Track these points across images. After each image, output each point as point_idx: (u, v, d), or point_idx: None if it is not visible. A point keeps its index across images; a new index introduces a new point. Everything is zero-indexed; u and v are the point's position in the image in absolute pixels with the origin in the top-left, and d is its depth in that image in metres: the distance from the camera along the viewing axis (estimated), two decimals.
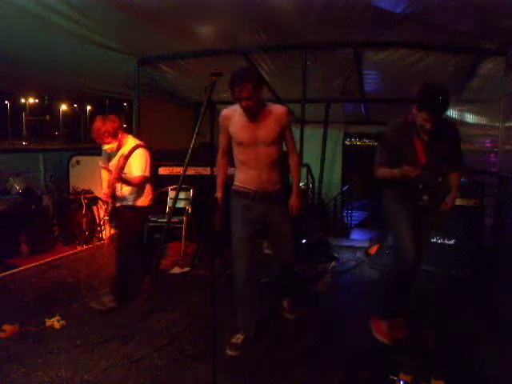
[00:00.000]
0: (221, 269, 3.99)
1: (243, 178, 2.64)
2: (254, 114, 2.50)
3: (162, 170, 4.21)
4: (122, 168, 3.21)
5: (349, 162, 9.35)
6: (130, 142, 3.41)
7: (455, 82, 5.42)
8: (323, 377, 2.42)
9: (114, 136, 3.30)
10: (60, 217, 5.25)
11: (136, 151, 3.32)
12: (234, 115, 2.57)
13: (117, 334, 2.86)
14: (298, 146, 5.29)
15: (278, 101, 6.57)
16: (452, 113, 5.09)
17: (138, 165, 3.32)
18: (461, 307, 3.33)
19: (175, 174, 4.88)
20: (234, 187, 2.67)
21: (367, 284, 4.12)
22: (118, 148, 3.37)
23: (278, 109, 2.60)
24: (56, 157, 5.97)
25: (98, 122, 3.27)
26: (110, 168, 3.38)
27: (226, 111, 2.62)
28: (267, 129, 2.54)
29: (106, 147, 3.36)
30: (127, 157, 3.25)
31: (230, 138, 2.64)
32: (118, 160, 3.25)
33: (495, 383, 2.39)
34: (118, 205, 3.43)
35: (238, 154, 2.63)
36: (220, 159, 2.76)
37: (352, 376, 2.42)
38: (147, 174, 3.37)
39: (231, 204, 2.69)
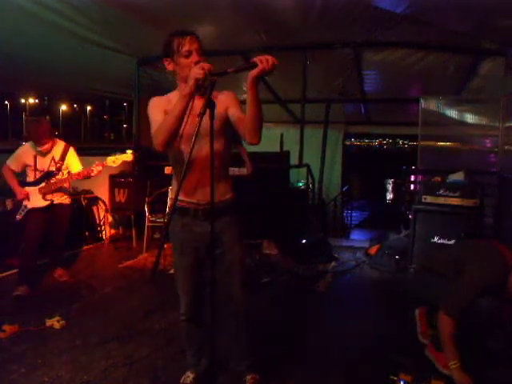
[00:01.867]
0: None
1: (181, 187, 1.89)
2: (200, 88, 1.75)
3: (168, 170, 4.23)
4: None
5: (349, 162, 9.35)
6: (59, 143, 3.81)
7: (455, 81, 5.43)
8: (323, 377, 2.42)
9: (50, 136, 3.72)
10: None
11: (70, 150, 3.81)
12: (172, 99, 1.92)
13: (117, 334, 2.86)
14: (297, 146, 5.39)
15: (278, 101, 6.58)
16: (452, 113, 5.09)
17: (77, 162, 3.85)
18: None
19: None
20: (169, 202, 2.17)
21: (367, 284, 4.12)
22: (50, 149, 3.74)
23: (223, 92, 1.97)
24: None
25: (44, 123, 3.66)
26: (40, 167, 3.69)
27: (157, 97, 1.99)
28: (218, 107, 1.82)
29: (42, 147, 3.68)
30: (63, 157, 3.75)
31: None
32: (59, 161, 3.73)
33: (496, 382, 2.39)
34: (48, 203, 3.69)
35: (174, 152, 1.96)
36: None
37: (352, 376, 2.43)
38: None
39: (170, 224, 2.12)
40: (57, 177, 3.68)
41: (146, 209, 4.85)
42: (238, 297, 2.11)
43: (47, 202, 3.65)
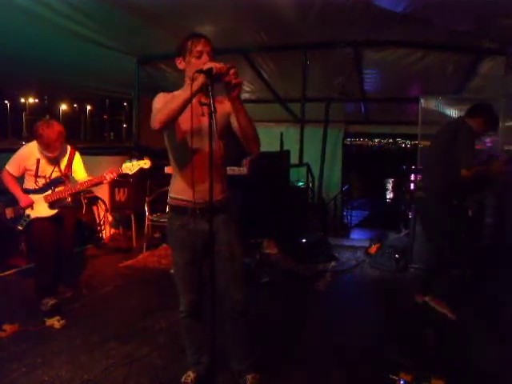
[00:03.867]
0: None
1: (178, 186, 2.04)
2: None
3: (169, 170, 4.24)
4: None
5: (349, 161, 9.35)
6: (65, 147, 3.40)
7: (455, 81, 5.42)
8: (323, 377, 2.42)
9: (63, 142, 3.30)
10: None
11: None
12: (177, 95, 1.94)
13: (117, 334, 2.86)
14: (297, 145, 5.39)
15: (279, 100, 6.57)
16: (452, 112, 5.09)
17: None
18: (460, 307, 3.33)
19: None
20: (168, 201, 2.12)
21: (367, 283, 4.12)
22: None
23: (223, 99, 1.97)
24: None
25: (57, 127, 3.18)
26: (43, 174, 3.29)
27: (163, 93, 2.02)
28: (221, 110, 1.93)
29: (52, 154, 3.24)
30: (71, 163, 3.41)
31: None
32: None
33: (496, 382, 2.40)
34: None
35: (176, 150, 2.02)
36: None
37: (352, 376, 2.43)
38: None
39: (167, 223, 2.19)
40: (64, 185, 3.34)
41: (146, 208, 4.85)
42: (235, 295, 2.10)
43: (54, 211, 3.30)
